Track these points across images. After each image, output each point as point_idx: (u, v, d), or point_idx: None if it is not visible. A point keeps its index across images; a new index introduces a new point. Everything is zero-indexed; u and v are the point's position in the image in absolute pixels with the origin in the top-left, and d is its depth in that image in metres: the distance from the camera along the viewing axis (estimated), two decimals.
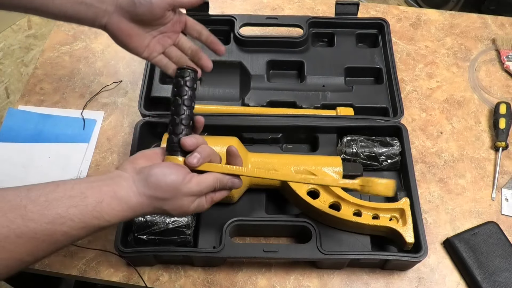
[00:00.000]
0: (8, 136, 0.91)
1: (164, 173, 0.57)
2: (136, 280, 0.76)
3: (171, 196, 0.57)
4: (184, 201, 0.58)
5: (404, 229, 0.73)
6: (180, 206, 0.58)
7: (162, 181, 0.56)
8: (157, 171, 0.57)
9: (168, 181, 0.57)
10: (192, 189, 0.58)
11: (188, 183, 0.58)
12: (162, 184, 0.56)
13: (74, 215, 0.52)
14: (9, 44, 2.05)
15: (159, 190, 0.56)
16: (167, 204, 0.58)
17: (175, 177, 0.57)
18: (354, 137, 0.83)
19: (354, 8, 0.98)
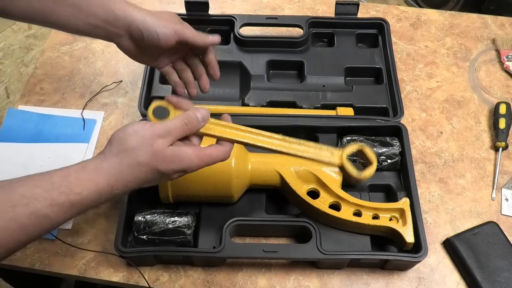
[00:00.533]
0: (8, 136, 0.91)
1: (124, 128, 0.57)
2: (136, 280, 0.76)
3: (138, 143, 0.55)
4: (155, 144, 0.55)
5: (404, 229, 0.73)
6: (154, 151, 0.55)
7: (122, 133, 0.56)
8: (118, 130, 0.57)
9: (128, 130, 0.56)
10: (157, 130, 0.56)
11: (151, 127, 0.56)
12: (122, 135, 0.55)
13: (39, 194, 0.50)
14: (9, 44, 2.05)
15: (123, 142, 0.55)
16: (139, 154, 0.54)
17: (134, 126, 0.56)
18: (354, 137, 0.83)
19: (354, 8, 0.98)
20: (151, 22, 0.66)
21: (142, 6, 1.08)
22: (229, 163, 0.74)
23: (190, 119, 0.59)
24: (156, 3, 1.11)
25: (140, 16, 0.66)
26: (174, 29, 0.67)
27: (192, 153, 0.58)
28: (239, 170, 0.75)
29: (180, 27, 0.67)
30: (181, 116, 0.59)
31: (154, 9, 1.05)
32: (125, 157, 0.55)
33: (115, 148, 0.55)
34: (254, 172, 0.77)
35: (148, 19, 0.66)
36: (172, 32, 0.66)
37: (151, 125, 0.56)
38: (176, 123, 0.58)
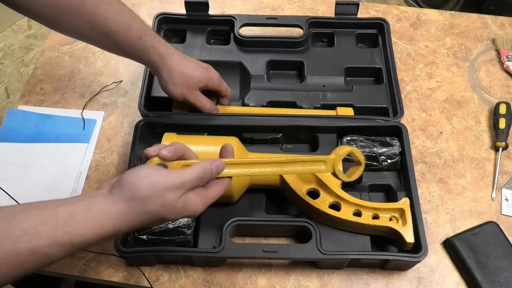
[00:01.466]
0: (8, 136, 0.91)
1: (137, 173, 0.55)
2: (136, 280, 0.76)
3: (150, 193, 0.54)
4: (167, 196, 0.54)
5: (404, 229, 0.73)
6: (165, 203, 0.54)
7: (135, 180, 0.54)
8: (129, 174, 0.55)
9: (142, 179, 0.54)
10: (172, 181, 0.55)
11: (166, 177, 0.55)
12: (136, 183, 0.54)
13: (42, 232, 0.49)
14: (9, 44, 2.05)
15: (135, 190, 0.53)
16: (149, 203, 0.54)
17: (149, 174, 0.54)
18: (354, 137, 0.83)
19: (354, 8, 0.98)
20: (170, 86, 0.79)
21: (142, 6, 1.10)
22: None
23: (206, 173, 0.59)
24: (156, 3, 1.11)
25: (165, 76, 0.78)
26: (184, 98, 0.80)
27: (198, 200, 0.58)
28: None
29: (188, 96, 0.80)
30: (198, 168, 0.58)
31: (154, 9, 1.07)
32: (135, 204, 0.54)
33: (126, 193, 0.54)
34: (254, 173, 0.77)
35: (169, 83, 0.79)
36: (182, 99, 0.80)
37: (166, 174, 0.55)
38: (192, 176, 0.57)
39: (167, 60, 0.78)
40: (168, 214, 0.56)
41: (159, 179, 0.54)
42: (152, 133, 0.83)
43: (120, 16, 0.72)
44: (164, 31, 0.98)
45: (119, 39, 0.73)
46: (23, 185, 0.85)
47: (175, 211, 0.56)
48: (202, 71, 0.81)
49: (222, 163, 0.61)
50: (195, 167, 0.58)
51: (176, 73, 0.78)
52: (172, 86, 0.79)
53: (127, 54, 0.78)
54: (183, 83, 0.79)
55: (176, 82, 0.78)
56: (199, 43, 0.97)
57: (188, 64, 0.79)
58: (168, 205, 0.55)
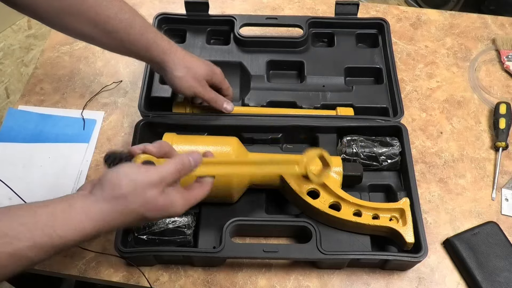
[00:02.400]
0: (8, 136, 0.91)
1: (117, 171, 0.54)
2: (136, 280, 0.76)
3: (131, 191, 0.53)
4: (148, 193, 0.54)
5: (404, 229, 0.73)
6: (146, 200, 0.54)
7: (115, 178, 0.53)
8: (108, 172, 0.55)
9: (122, 176, 0.53)
10: (151, 177, 0.54)
11: (146, 172, 0.54)
12: (116, 180, 0.53)
13: (21, 233, 0.48)
14: (9, 44, 2.05)
15: (115, 188, 0.53)
16: (131, 202, 0.53)
17: (129, 171, 0.54)
18: (354, 137, 0.83)
19: (354, 8, 0.98)
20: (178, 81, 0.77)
21: (142, 6, 1.10)
22: None
23: (184, 165, 0.58)
24: (156, 3, 1.11)
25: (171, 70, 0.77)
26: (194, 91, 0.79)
27: (180, 199, 0.58)
28: None
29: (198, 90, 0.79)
30: (175, 161, 0.58)
31: (154, 9, 1.06)
32: (116, 204, 0.53)
33: (107, 192, 0.53)
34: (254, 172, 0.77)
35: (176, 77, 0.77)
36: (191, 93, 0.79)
37: (145, 170, 0.55)
38: (170, 169, 0.56)
39: (171, 55, 0.77)
40: (150, 211, 0.55)
41: (138, 176, 0.54)
42: (152, 133, 0.83)
43: (122, 13, 0.72)
44: (164, 31, 0.98)
45: (121, 37, 0.73)
46: (23, 185, 0.85)
47: (156, 208, 0.55)
48: (205, 65, 0.81)
49: (198, 155, 0.61)
50: (172, 160, 0.58)
51: (182, 67, 0.77)
52: (180, 80, 0.77)
53: (130, 52, 0.77)
54: (191, 76, 0.78)
55: (184, 76, 0.77)
56: (199, 43, 0.97)
57: (192, 59, 0.79)
58: (149, 202, 0.54)
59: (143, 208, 0.54)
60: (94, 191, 0.54)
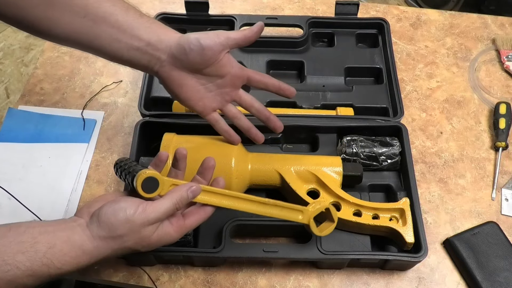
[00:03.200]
0: (8, 136, 0.91)
1: (114, 209, 0.55)
2: (137, 280, 0.76)
3: (127, 231, 0.54)
4: (143, 232, 0.55)
5: (404, 229, 0.73)
6: (141, 239, 0.56)
7: (113, 218, 0.54)
8: (106, 210, 0.55)
9: (119, 217, 0.54)
10: (149, 217, 0.55)
11: (143, 212, 0.55)
12: (113, 221, 0.54)
13: (21, 262, 0.49)
14: (9, 44, 2.05)
15: (113, 229, 0.54)
16: (126, 241, 0.55)
17: (126, 211, 0.55)
18: (354, 137, 0.83)
19: (354, 8, 0.98)
20: (193, 36, 0.65)
21: (142, 6, 1.10)
22: (229, 163, 0.74)
23: (181, 200, 0.58)
24: (156, 3, 1.11)
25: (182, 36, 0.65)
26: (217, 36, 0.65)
27: (173, 231, 0.59)
28: (239, 170, 0.75)
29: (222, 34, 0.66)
30: (173, 197, 0.58)
31: (154, 9, 1.06)
32: (112, 243, 0.55)
33: (104, 232, 0.54)
34: (254, 172, 0.77)
35: (190, 35, 0.65)
36: (216, 40, 0.65)
37: (143, 210, 0.55)
38: (167, 206, 0.57)
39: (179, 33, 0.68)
40: (143, 247, 0.57)
41: (136, 217, 0.55)
42: (152, 133, 0.83)
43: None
44: None
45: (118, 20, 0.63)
46: (23, 185, 0.85)
47: (150, 245, 0.58)
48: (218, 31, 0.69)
49: (198, 188, 0.60)
50: (170, 196, 0.58)
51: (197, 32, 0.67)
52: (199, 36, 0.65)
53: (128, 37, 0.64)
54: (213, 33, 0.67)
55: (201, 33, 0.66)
56: None
57: None
58: (143, 240, 0.56)
59: (137, 245, 0.57)
60: (91, 227, 0.55)
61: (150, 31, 0.64)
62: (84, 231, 0.55)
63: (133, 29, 0.63)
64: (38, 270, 0.51)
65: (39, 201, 0.82)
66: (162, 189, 0.59)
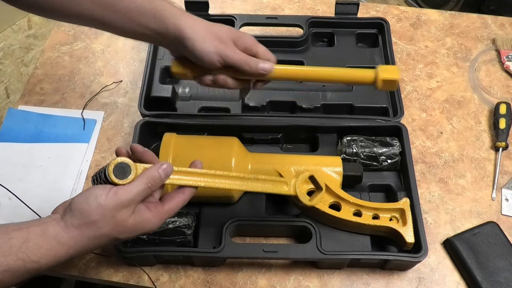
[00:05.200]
0: (8, 136, 0.91)
1: (85, 196, 0.54)
2: (136, 280, 0.76)
3: (100, 217, 0.53)
4: (117, 216, 0.54)
5: (404, 229, 0.73)
6: (116, 223, 0.54)
7: (84, 205, 0.53)
8: (78, 198, 0.55)
9: (91, 203, 0.53)
10: (120, 199, 0.54)
11: (114, 195, 0.54)
12: (86, 207, 0.53)
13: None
14: (9, 44, 2.05)
15: (85, 215, 0.53)
16: (101, 227, 0.53)
17: (97, 196, 0.54)
18: (354, 137, 0.83)
19: (354, 8, 0.98)
20: (198, 44, 0.65)
21: None
22: (229, 163, 0.74)
23: (154, 180, 0.57)
24: None
25: (190, 34, 0.65)
26: (220, 54, 0.66)
27: (152, 217, 0.57)
28: (239, 170, 0.75)
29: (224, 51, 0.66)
30: (144, 177, 0.56)
31: None
32: (87, 230, 0.53)
33: (77, 219, 0.53)
34: (254, 172, 0.77)
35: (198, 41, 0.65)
36: (217, 57, 0.66)
37: (114, 193, 0.54)
38: (139, 188, 0.56)
39: (187, 19, 0.66)
40: (121, 233, 0.55)
41: (107, 201, 0.54)
42: (152, 133, 0.83)
43: None
44: None
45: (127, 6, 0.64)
46: (23, 185, 0.85)
47: (127, 229, 0.56)
48: (228, 27, 0.69)
49: (169, 166, 0.59)
50: (141, 177, 0.57)
51: (201, 28, 0.66)
52: (201, 43, 0.65)
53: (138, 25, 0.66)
54: (214, 37, 0.66)
55: (206, 37, 0.65)
56: None
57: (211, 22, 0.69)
58: (119, 225, 0.55)
59: (114, 231, 0.55)
60: (65, 217, 0.54)
61: (159, 21, 0.65)
62: (59, 223, 0.54)
63: (142, 16, 0.65)
64: (13, 265, 0.50)
65: (39, 201, 0.82)
66: (135, 174, 0.57)
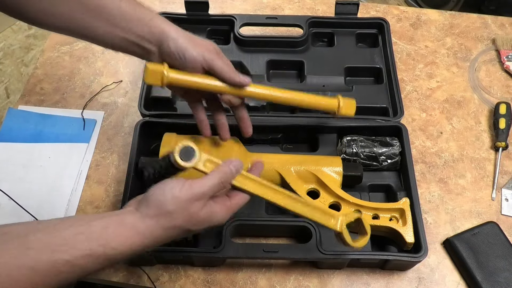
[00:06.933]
0: (8, 136, 0.91)
1: (161, 188, 0.56)
2: (136, 280, 0.76)
3: (176, 207, 0.55)
4: (192, 208, 0.56)
5: (404, 229, 0.73)
6: (190, 215, 0.56)
7: (161, 195, 0.55)
8: (154, 190, 0.56)
9: (166, 194, 0.55)
10: (194, 192, 0.56)
11: (189, 188, 0.56)
12: (161, 198, 0.55)
13: (79, 241, 0.51)
14: (9, 44, 2.05)
15: (161, 205, 0.55)
16: (176, 218, 0.55)
17: (173, 188, 0.55)
18: (354, 137, 0.83)
19: (354, 8, 0.98)
20: (182, 43, 0.65)
21: None
22: None
23: (226, 175, 0.59)
24: (156, 3, 1.11)
25: (174, 35, 0.65)
26: (204, 56, 0.65)
27: (222, 210, 0.59)
28: None
29: (209, 55, 0.66)
30: (218, 174, 0.58)
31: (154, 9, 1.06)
32: (162, 220, 0.55)
33: (153, 210, 0.55)
34: None
35: (181, 40, 0.65)
36: (201, 58, 0.65)
37: (189, 186, 0.56)
38: (213, 183, 0.57)
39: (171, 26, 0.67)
40: (194, 225, 0.57)
41: (182, 193, 0.55)
42: (152, 133, 0.83)
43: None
44: None
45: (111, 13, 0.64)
46: (23, 185, 0.85)
47: (199, 222, 0.57)
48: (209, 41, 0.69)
49: (239, 161, 0.61)
50: (215, 172, 0.59)
51: (186, 35, 0.66)
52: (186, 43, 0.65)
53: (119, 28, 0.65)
54: (198, 42, 0.66)
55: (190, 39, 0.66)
56: None
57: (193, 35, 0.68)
58: (192, 217, 0.56)
59: (188, 223, 0.56)
60: (140, 208, 0.56)
61: (142, 24, 0.65)
62: (135, 214, 0.55)
63: (126, 21, 0.65)
64: (95, 249, 0.51)
65: (39, 201, 0.83)
66: (199, 159, 0.59)
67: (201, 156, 0.60)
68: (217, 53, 0.68)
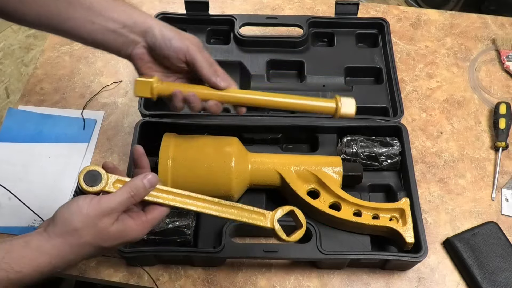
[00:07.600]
0: (8, 136, 0.91)
1: (67, 205, 0.55)
2: (136, 280, 0.76)
3: (83, 224, 0.53)
4: (100, 224, 0.54)
5: (404, 229, 0.73)
6: (99, 231, 0.54)
7: (67, 213, 0.54)
8: (62, 208, 0.55)
9: (73, 211, 0.54)
10: (102, 207, 0.54)
11: (97, 203, 0.54)
12: (68, 216, 0.54)
13: None
14: (9, 44, 2.05)
15: (67, 223, 0.53)
16: (84, 235, 0.53)
17: (79, 205, 0.54)
18: (354, 137, 0.83)
19: (354, 8, 0.98)
20: (169, 32, 0.66)
21: (142, 6, 1.10)
22: (229, 163, 0.74)
23: (137, 190, 0.57)
24: (156, 3, 1.11)
25: (160, 25, 0.66)
26: (188, 47, 0.66)
27: (138, 225, 0.57)
28: (239, 170, 0.75)
29: (193, 48, 0.66)
30: (128, 187, 0.57)
31: (154, 9, 1.06)
32: (69, 238, 0.53)
33: (59, 228, 0.53)
34: (254, 172, 0.77)
35: (167, 29, 0.66)
36: (185, 48, 0.66)
37: (97, 201, 0.54)
38: (122, 197, 0.56)
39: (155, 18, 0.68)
40: (105, 242, 0.55)
41: (90, 209, 0.54)
42: (152, 133, 0.83)
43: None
44: None
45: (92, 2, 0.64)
46: (23, 185, 0.85)
47: (111, 238, 0.55)
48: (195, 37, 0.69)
49: (154, 177, 0.59)
50: (125, 186, 0.57)
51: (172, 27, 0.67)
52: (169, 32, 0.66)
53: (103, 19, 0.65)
54: (185, 36, 0.67)
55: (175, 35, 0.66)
56: None
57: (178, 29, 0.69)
58: (101, 233, 0.54)
59: (97, 239, 0.55)
60: (48, 228, 0.54)
61: (125, 14, 0.65)
62: (42, 234, 0.54)
63: (108, 11, 0.64)
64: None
65: (39, 201, 0.82)
66: (106, 183, 0.58)
67: (108, 178, 0.58)
68: (201, 48, 0.68)
